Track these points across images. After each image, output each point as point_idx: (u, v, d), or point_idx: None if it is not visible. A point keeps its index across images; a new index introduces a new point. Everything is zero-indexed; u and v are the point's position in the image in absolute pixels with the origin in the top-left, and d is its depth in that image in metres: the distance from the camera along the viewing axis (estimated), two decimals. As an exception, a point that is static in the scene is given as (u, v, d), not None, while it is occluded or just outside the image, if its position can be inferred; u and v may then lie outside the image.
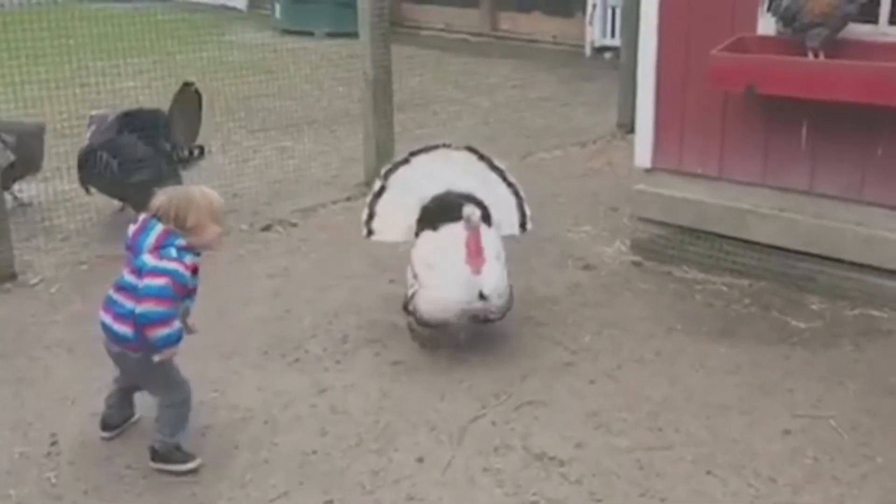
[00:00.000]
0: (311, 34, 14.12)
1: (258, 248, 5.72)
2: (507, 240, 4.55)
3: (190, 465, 3.43)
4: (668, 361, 4.13)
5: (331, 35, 12.85)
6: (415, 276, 4.28)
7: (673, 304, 4.73)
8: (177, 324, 3.28)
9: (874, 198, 4.58)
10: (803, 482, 3.23)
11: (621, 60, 8.85)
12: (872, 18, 4.45)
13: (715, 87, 4.73)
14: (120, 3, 13.78)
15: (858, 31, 4.44)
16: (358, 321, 4.69)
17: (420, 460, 3.48)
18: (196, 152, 6.05)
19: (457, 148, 4.83)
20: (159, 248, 3.25)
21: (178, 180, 5.62)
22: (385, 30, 6.78)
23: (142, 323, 3.23)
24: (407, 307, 4.28)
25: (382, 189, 4.79)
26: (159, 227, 3.27)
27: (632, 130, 8.59)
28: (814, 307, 4.63)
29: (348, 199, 6.80)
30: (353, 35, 6.91)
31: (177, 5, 15.66)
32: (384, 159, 6.97)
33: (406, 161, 4.81)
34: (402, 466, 3.45)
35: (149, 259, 3.24)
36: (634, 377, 3.99)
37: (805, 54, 4.48)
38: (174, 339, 3.28)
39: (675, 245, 5.29)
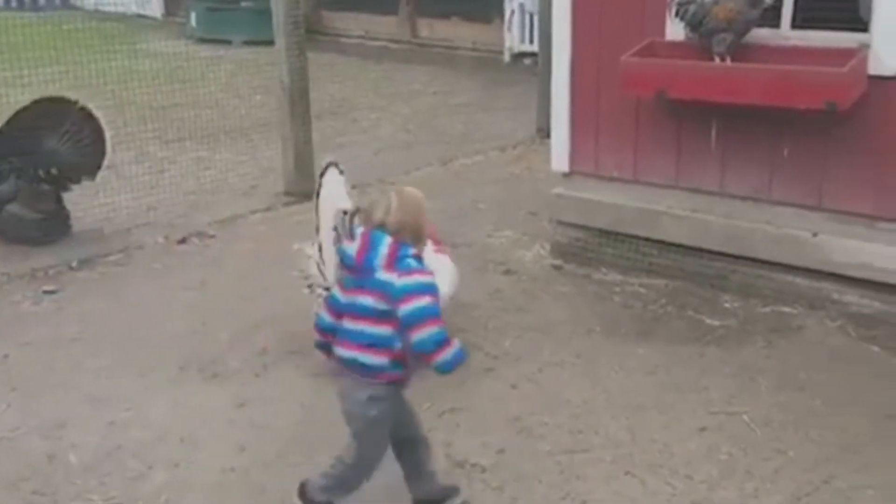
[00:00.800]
0: (228, 43, 13.90)
1: (174, 262, 5.60)
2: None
3: None
4: (588, 364, 4.17)
5: (248, 43, 12.67)
6: None
7: (592, 307, 4.78)
8: (455, 340, 2.88)
9: (782, 197, 4.71)
10: (718, 478, 3.29)
11: (539, 66, 8.95)
12: (775, 23, 4.58)
13: (627, 92, 4.81)
14: (27, 12, 13.37)
15: (762, 35, 4.56)
16: (278, 333, 4.61)
17: (341, 473, 3.43)
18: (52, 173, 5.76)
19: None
20: (394, 263, 2.82)
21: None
22: (300, 37, 6.72)
23: (426, 350, 2.79)
24: None
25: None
26: (388, 240, 2.83)
27: (550, 135, 8.76)
28: (727, 305, 4.73)
29: (267, 209, 6.71)
30: (272, 43, 6.82)
31: (87, 14, 15.28)
32: (303, 168, 6.93)
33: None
34: (323, 480, 3.39)
35: (393, 277, 2.80)
36: (555, 380, 4.02)
37: (710, 58, 4.59)
38: (462, 357, 2.88)
39: (593, 248, 5.35)
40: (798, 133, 4.56)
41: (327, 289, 4.02)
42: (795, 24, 4.56)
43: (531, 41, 13.64)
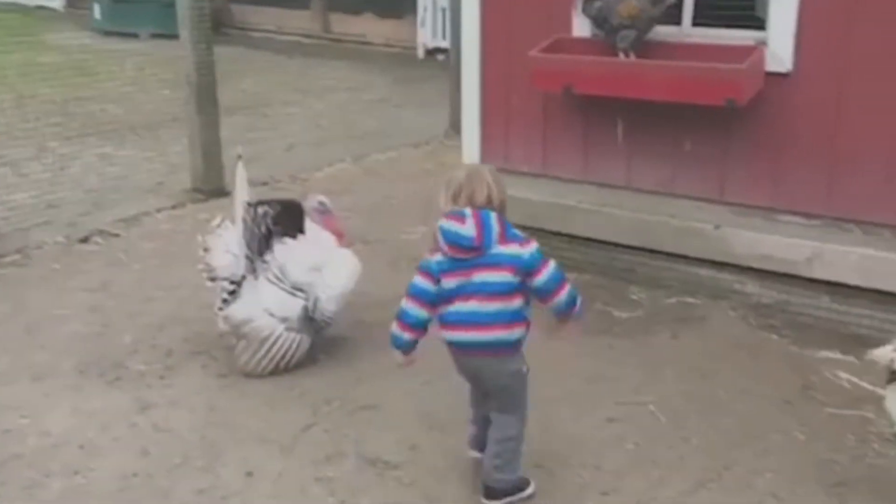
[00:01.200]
0: (135, 36, 13.55)
1: (75, 262, 5.41)
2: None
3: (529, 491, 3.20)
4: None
5: (157, 36, 12.35)
6: (297, 288, 4.05)
7: (503, 301, 4.79)
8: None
9: (685, 191, 4.81)
10: (626, 468, 3.34)
11: (451, 62, 8.95)
12: (677, 20, 4.68)
13: (535, 87, 4.85)
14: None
15: (664, 32, 4.65)
16: (184, 333, 4.51)
17: (249, 474, 3.37)
18: None
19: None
20: (505, 236, 2.95)
21: None
22: (206, 30, 6.57)
23: (568, 307, 3.01)
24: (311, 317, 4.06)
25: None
26: (494, 215, 2.96)
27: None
28: (635, 297, 4.81)
29: (174, 206, 6.56)
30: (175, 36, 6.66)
31: (-17, 5, 14.70)
32: (211, 165, 6.79)
33: None
34: (230, 483, 3.32)
35: (516, 249, 2.94)
36: (466, 375, 4.01)
37: (614, 54, 4.66)
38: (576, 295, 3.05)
39: (504, 242, 5.37)
40: (700, 128, 4.67)
41: (234, 282, 3.99)
42: (696, 22, 4.67)
43: (444, 36, 13.67)
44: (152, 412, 3.79)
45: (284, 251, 4.06)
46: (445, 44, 13.61)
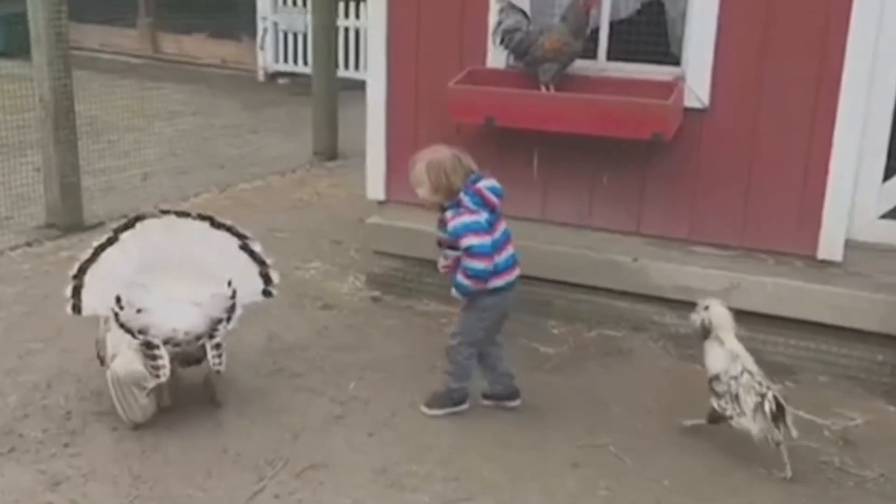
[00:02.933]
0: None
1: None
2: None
3: None
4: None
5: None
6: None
7: (425, 340, 4.62)
8: None
9: (602, 224, 4.82)
10: (603, 515, 3.25)
11: (313, 88, 8.68)
12: (592, 55, 4.69)
13: (455, 119, 4.71)
14: None
15: (581, 66, 4.64)
16: (79, 391, 4.03)
17: (200, 554, 3.01)
18: None
19: (184, 216, 4.09)
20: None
21: None
22: (65, 50, 5.99)
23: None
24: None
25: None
26: None
27: (330, 158, 8.52)
28: (555, 331, 4.76)
29: (29, 244, 5.92)
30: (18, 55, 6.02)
31: None
32: (69, 197, 6.19)
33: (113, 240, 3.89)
34: (180, 565, 2.95)
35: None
36: (412, 424, 3.80)
37: (533, 86, 4.61)
38: None
39: (412, 278, 5.20)
40: (617, 161, 4.70)
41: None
42: (611, 57, 4.70)
43: (286, 60, 13.33)
44: (66, 487, 3.33)
45: None
46: (287, 67, 13.32)
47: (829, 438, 3.75)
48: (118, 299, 3.61)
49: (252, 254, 4.00)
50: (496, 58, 4.79)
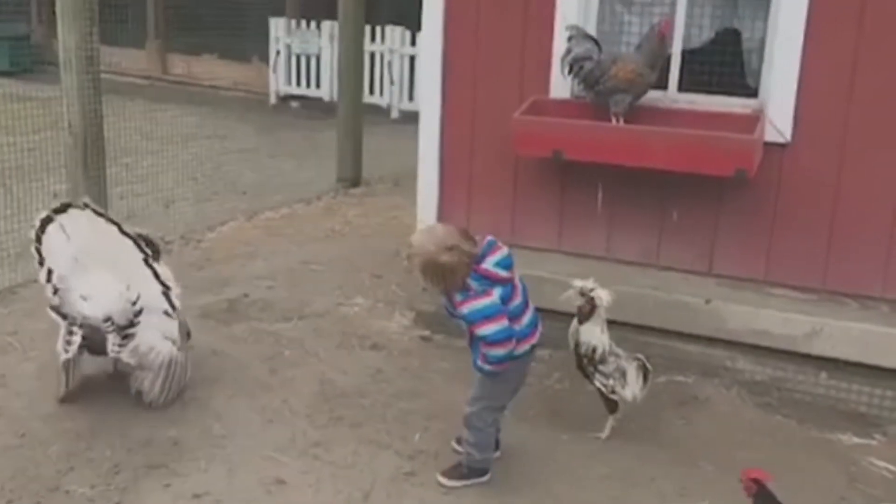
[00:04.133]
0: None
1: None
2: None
3: None
4: (519, 457, 3.72)
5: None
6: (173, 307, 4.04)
7: (487, 385, 4.33)
8: None
9: (670, 262, 4.58)
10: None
11: (339, 114, 8.44)
12: (663, 85, 4.47)
13: (520, 152, 4.48)
14: None
15: (651, 97, 4.42)
16: (124, 440, 3.74)
17: None
18: None
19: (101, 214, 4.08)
20: None
21: None
22: (96, 74, 5.76)
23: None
24: None
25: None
26: None
27: (354, 185, 8.28)
28: (621, 377, 4.49)
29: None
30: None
31: None
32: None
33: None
34: None
35: None
36: (495, 484, 3.52)
37: (601, 117, 4.38)
38: None
39: (465, 317, 4.93)
40: (688, 196, 4.47)
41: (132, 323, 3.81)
42: (682, 88, 4.48)
43: (298, 83, 13.12)
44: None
45: (163, 273, 4.06)
46: (299, 91, 13.10)
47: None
48: (49, 272, 3.86)
49: (154, 272, 4.01)
50: (560, 87, 4.56)
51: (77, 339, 3.81)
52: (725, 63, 4.44)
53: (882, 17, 3.99)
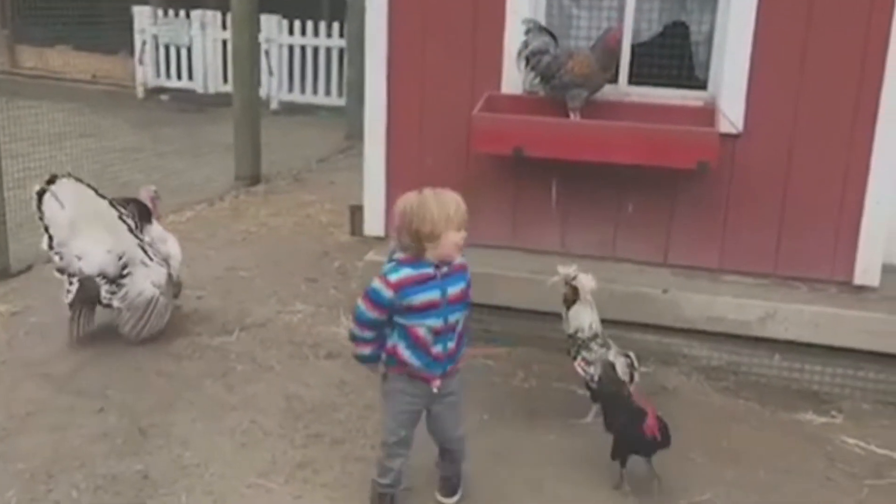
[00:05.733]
0: None
1: None
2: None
3: None
4: (509, 458, 3.64)
5: None
6: (164, 260, 4.72)
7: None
8: (363, 347, 3.12)
9: (627, 254, 4.62)
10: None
11: (234, 110, 8.07)
12: (613, 79, 4.47)
13: (480, 149, 4.38)
14: None
15: (602, 90, 4.42)
16: (87, 478, 3.41)
17: None
18: None
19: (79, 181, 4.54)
20: None
21: None
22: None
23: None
24: None
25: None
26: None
27: (254, 183, 7.94)
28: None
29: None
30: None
31: None
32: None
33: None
34: None
35: None
36: (487, 484, 3.43)
37: (556, 112, 4.36)
38: (362, 361, 3.19)
39: (418, 318, 4.80)
40: (643, 189, 4.51)
41: (123, 275, 4.45)
42: (632, 80, 4.51)
43: (168, 75, 12.52)
44: None
45: (153, 232, 4.76)
46: (170, 83, 12.48)
47: (919, 476, 3.66)
48: (50, 238, 4.39)
49: (128, 227, 4.51)
50: (512, 82, 4.49)
51: (74, 287, 4.41)
52: (675, 56, 4.51)
53: (829, 9, 4.13)
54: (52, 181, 4.42)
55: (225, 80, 11.63)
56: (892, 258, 4.40)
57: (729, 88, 4.30)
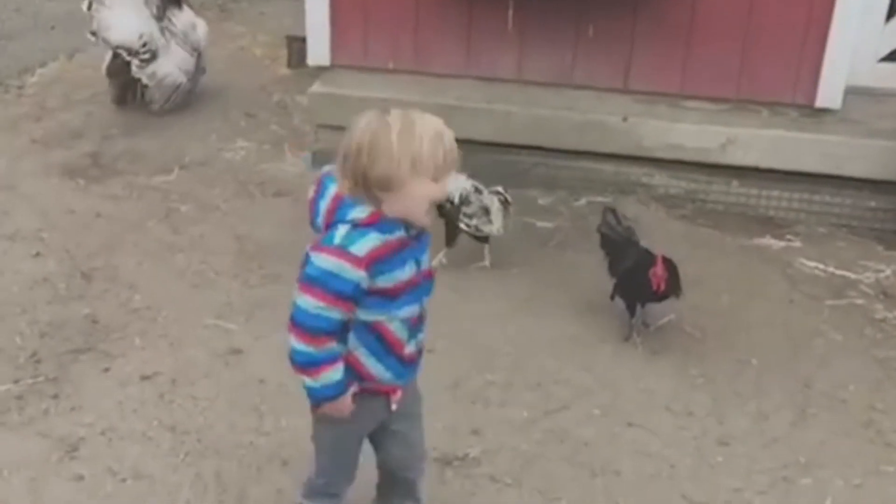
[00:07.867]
0: None
1: None
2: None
3: None
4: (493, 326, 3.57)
5: None
6: (195, 49, 5.21)
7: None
8: (331, 371, 2.00)
9: (586, 80, 4.43)
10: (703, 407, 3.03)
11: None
12: None
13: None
14: None
15: None
16: (31, 324, 3.23)
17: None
18: None
19: None
20: (327, 229, 1.96)
21: None
22: None
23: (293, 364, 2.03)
24: None
25: None
26: (332, 189, 1.99)
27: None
28: (542, 202, 4.39)
29: None
30: None
31: None
32: None
33: None
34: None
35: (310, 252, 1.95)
36: (472, 330, 3.36)
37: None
38: (328, 394, 2.02)
39: (368, 152, 4.60)
40: (603, 10, 4.28)
41: (151, 50, 4.91)
42: None
43: None
44: (88, 452, 2.64)
45: (184, 20, 5.12)
46: None
47: (870, 294, 3.70)
48: (90, 4, 4.85)
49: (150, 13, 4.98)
50: None
51: (108, 56, 4.95)
52: None
53: None
54: None
55: None
56: (855, 80, 4.30)
57: None
